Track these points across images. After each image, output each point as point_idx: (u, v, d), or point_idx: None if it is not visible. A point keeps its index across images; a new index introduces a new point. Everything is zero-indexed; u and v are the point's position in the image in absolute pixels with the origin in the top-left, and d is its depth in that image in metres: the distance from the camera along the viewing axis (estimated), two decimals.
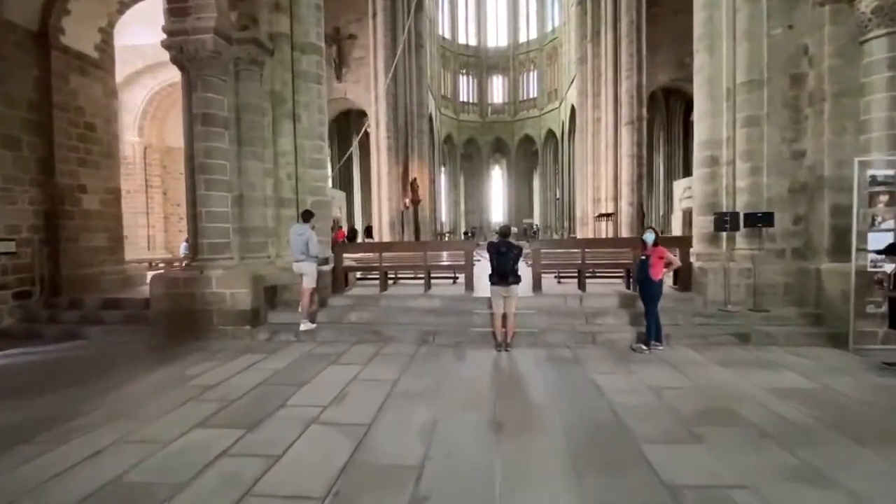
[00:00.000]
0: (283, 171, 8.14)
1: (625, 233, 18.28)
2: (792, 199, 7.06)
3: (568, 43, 29.86)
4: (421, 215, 21.33)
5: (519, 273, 6.02)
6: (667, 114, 24.78)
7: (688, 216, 25.00)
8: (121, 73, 19.04)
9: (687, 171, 26.15)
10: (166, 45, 7.37)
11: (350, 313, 7.36)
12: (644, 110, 18.40)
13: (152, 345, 6.83)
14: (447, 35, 35.07)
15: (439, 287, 8.83)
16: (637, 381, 4.85)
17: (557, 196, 33.84)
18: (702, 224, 7.75)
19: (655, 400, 4.32)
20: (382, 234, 19.53)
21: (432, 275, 8.55)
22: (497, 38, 37.44)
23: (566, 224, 30.91)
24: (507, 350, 6.05)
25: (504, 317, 6.09)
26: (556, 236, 33.93)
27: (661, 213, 27.78)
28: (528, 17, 36.26)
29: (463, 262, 8.02)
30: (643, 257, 6.07)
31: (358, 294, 8.27)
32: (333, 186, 26.30)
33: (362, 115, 21.85)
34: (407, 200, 20.00)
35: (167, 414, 4.15)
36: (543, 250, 8.04)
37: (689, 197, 24.45)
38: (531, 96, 36.34)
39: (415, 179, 20.22)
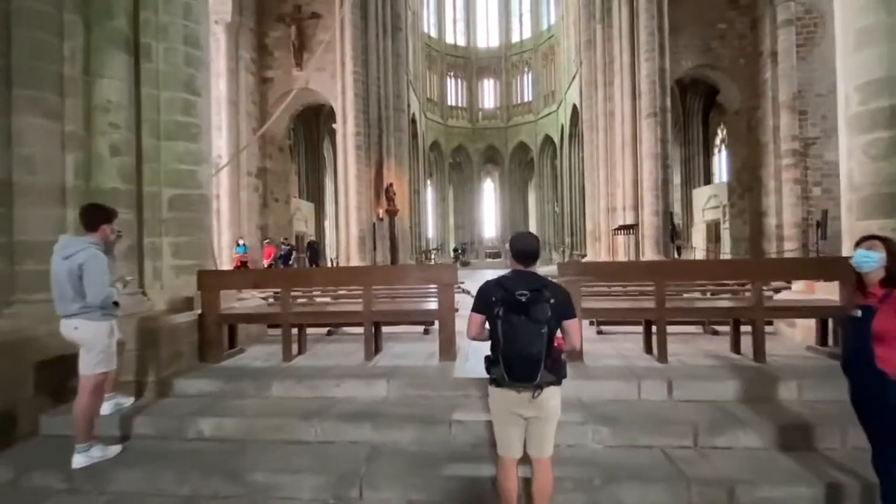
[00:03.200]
0: (105, 141, 4.45)
1: (649, 250, 14.76)
2: None
3: (567, 38, 26.92)
4: (399, 229, 17.68)
5: (563, 358, 2.36)
6: (683, 112, 21.66)
7: (712, 229, 21.73)
8: None
9: (708, 178, 22.95)
10: None
11: (202, 419, 3.60)
12: (668, 100, 15.10)
13: None
14: (433, 33, 32.07)
15: (398, 345, 5.12)
16: None
17: (557, 210, 30.51)
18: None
19: None
20: (350, 252, 15.84)
21: (386, 325, 4.85)
22: (488, 38, 34.55)
23: (567, 240, 27.48)
24: None
25: (521, 464, 2.41)
26: (555, 254, 30.45)
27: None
28: (521, 16, 33.46)
29: (435, 303, 4.35)
30: (857, 313, 2.41)
31: (243, 366, 4.52)
32: (300, 197, 22.69)
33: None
34: (381, 211, 16.38)
35: None
36: (585, 284, 4.38)
37: (715, 207, 21.17)
38: (526, 100, 33.30)
39: (391, 185, 16.64)
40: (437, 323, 4.47)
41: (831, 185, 15.72)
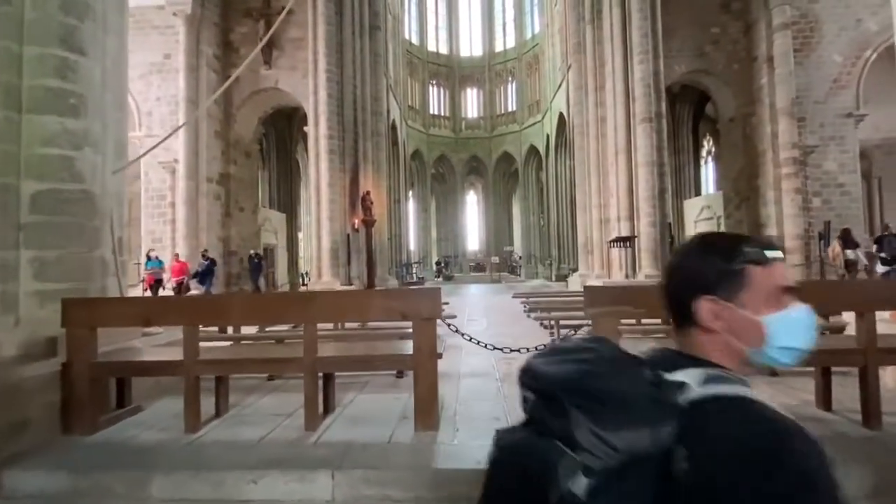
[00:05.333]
0: None
1: (646, 264, 13.74)
2: None
3: (552, 46, 26.30)
4: (377, 241, 16.30)
5: None
6: (672, 120, 20.97)
7: None
8: None
9: (698, 189, 22.30)
10: None
11: None
12: (663, 105, 14.29)
13: None
14: (415, 40, 31.18)
15: (360, 398, 3.76)
16: None
17: (542, 222, 29.59)
18: None
19: None
20: (322, 266, 14.36)
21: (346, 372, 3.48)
22: (471, 46, 33.86)
23: (554, 253, 26.48)
24: None
25: None
26: (541, 268, 29.44)
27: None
28: (505, 25, 32.90)
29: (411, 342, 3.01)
30: None
31: (124, 441, 3.07)
32: (271, 207, 21.15)
33: None
34: (356, 221, 15.00)
35: None
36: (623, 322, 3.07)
37: (708, 218, 20.40)
38: (510, 110, 32.55)
39: (367, 193, 15.31)
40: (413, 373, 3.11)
41: (830, 195, 15.08)
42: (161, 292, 11.86)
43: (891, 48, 15.32)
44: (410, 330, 3.48)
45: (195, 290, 12.61)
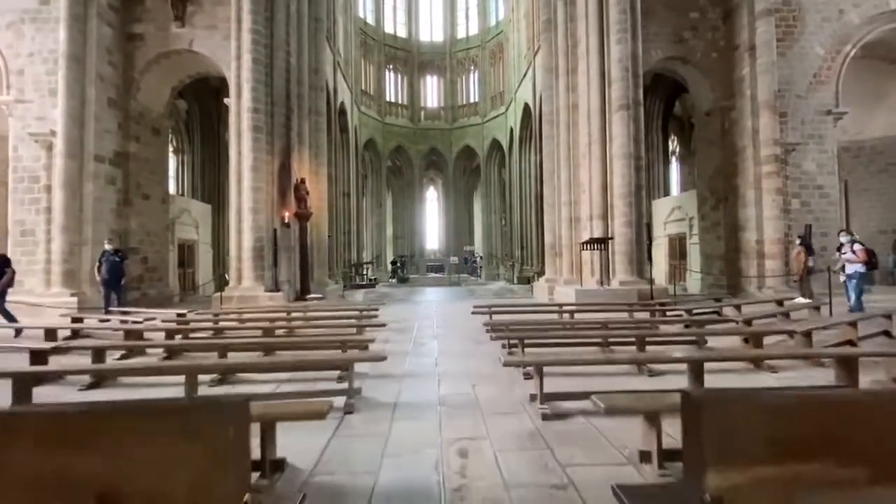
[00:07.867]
0: None
1: (620, 268, 12.17)
2: None
3: (517, 32, 24.63)
4: (313, 238, 13.87)
5: None
6: (644, 115, 19.77)
7: (676, 244, 19.88)
8: None
9: (667, 189, 21.30)
10: None
11: None
12: (640, 92, 12.80)
13: None
14: (370, 20, 28.64)
15: None
16: None
17: (504, 222, 27.94)
18: None
19: None
20: (243, 268, 11.80)
21: None
22: (431, 31, 31.68)
23: (517, 253, 24.88)
24: None
25: None
26: (502, 269, 27.80)
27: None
28: (468, 10, 30.96)
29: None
30: None
31: None
32: (193, 196, 18.18)
33: None
34: (286, 214, 12.53)
35: None
36: None
37: (679, 219, 19.23)
38: (472, 101, 30.68)
39: (302, 181, 12.86)
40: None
41: (809, 197, 14.13)
42: None
43: (865, 46, 14.68)
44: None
45: None
